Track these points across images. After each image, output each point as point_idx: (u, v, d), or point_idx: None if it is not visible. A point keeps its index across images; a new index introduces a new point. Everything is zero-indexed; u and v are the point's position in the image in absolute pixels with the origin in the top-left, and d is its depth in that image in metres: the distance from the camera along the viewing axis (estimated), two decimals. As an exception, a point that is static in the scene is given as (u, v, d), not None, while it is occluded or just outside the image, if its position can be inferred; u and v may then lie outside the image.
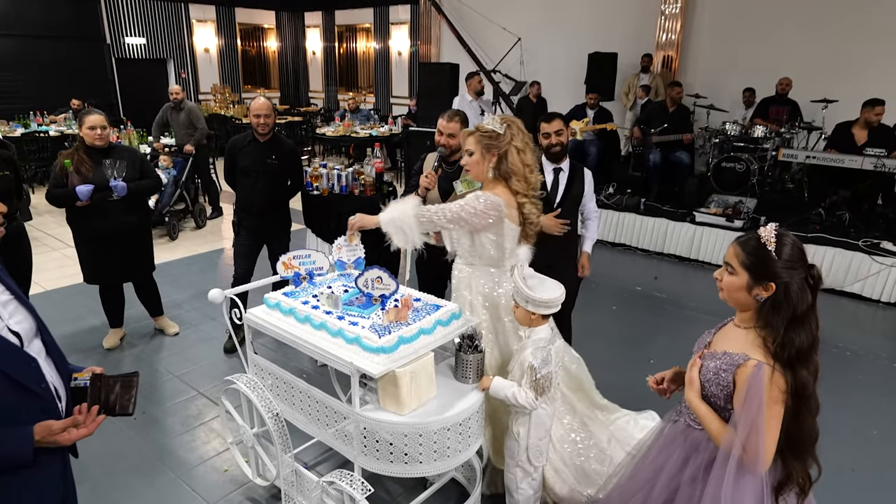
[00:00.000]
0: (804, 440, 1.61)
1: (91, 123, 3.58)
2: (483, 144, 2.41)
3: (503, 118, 2.45)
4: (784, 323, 1.55)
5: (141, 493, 2.75)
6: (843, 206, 5.98)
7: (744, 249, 1.61)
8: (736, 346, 1.65)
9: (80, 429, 1.38)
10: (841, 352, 4.28)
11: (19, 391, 1.32)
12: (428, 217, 2.39)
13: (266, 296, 2.47)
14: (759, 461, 1.56)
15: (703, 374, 1.71)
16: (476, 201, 2.38)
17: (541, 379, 2.18)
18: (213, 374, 3.74)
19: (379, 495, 2.68)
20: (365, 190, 3.97)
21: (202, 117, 7.33)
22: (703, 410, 1.70)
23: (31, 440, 1.31)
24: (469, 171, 2.50)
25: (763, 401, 1.53)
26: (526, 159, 2.43)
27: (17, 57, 10.32)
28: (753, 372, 1.55)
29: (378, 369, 1.98)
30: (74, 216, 3.71)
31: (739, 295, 1.63)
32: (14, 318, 1.38)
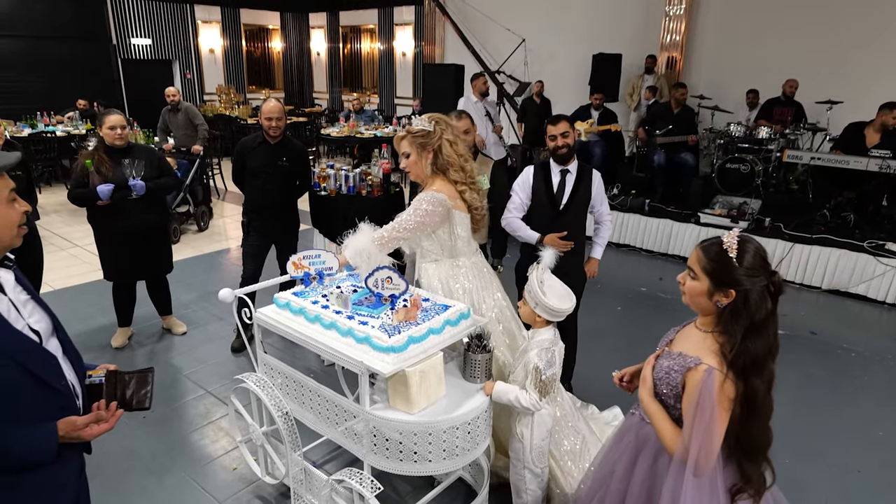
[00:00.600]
0: (756, 445, 1.61)
1: (111, 123, 3.63)
2: (417, 144, 2.52)
3: (430, 116, 2.56)
4: (742, 330, 1.53)
5: (151, 491, 2.78)
6: (849, 208, 5.98)
7: (706, 255, 1.60)
8: (692, 348, 1.65)
9: (101, 424, 1.41)
10: (846, 353, 4.28)
11: (42, 388, 1.35)
12: (387, 238, 2.47)
13: (276, 295, 2.49)
14: (710, 465, 1.57)
15: (656, 373, 1.72)
16: (422, 204, 2.47)
17: (546, 380, 2.19)
18: (221, 374, 3.77)
19: (387, 494, 2.69)
20: (372, 191, 3.99)
21: (200, 115, 7.34)
22: (654, 409, 1.72)
23: (56, 436, 1.34)
24: (409, 172, 2.60)
25: (715, 407, 1.53)
26: (459, 150, 2.56)
27: (24, 57, 10.39)
28: (704, 378, 1.55)
29: (388, 368, 2.00)
30: (95, 215, 3.77)
31: (700, 300, 1.63)
32: (33, 318, 1.41)
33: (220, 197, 8.62)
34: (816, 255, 5.50)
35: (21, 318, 1.37)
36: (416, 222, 2.47)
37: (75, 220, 7.15)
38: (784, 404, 3.54)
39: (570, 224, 3.16)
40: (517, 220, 3.22)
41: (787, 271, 5.66)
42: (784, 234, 5.72)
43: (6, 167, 1.36)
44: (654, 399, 1.73)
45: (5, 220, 1.37)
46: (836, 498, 2.85)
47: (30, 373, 1.32)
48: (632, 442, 1.86)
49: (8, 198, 1.38)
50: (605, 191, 3.30)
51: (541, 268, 2.27)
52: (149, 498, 2.74)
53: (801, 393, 3.75)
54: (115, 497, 2.73)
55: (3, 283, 1.38)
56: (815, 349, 4.33)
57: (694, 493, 1.59)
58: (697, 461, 1.56)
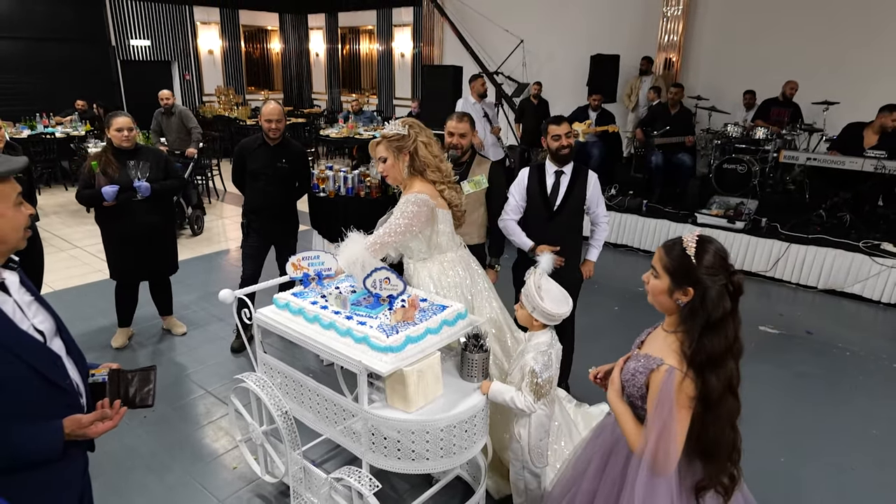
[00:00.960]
0: (715, 446, 1.61)
1: (118, 125, 3.67)
2: (393, 148, 2.57)
3: (403, 120, 2.61)
4: (699, 328, 1.56)
5: (152, 490, 2.81)
6: (844, 208, 6.02)
7: (667, 254, 1.64)
8: (658, 349, 1.68)
9: (105, 422, 1.43)
10: (841, 352, 4.31)
11: (47, 386, 1.38)
12: (379, 244, 2.50)
13: (275, 296, 2.52)
14: (669, 464, 1.59)
15: (624, 375, 1.75)
16: (408, 206, 2.52)
17: (542, 383, 2.22)
18: (221, 374, 3.80)
19: (385, 492, 2.72)
20: (371, 192, 4.02)
21: (194, 118, 7.27)
22: (620, 409, 1.75)
23: (62, 434, 1.37)
24: (387, 177, 2.65)
25: (673, 406, 1.56)
26: (433, 151, 2.62)
27: (23, 59, 10.42)
28: (664, 377, 1.59)
29: (386, 368, 2.03)
30: (102, 216, 3.82)
31: (662, 298, 1.67)
32: (37, 318, 1.44)
33: (219, 198, 8.64)
34: (812, 255, 5.53)
35: (26, 318, 1.40)
36: (405, 225, 2.51)
37: (75, 222, 7.18)
38: (779, 403, 3.61)
39: (565, 225, 3.18)
40: (513, 223, 3.25)
41: (784, 271, 5.69)
42: (780, 235, 5.75)
43: (13, 171, 1.39)
44: (622, 400, 1.77)
45: (14, 222, 1.40)
46: (831, 496, 2.88)
47: (35, 371, 1.35)
48: (606, 441, 1.90)
49: (16, 201, 1.41)
50: (601, 192, 3.29)
51: (538, 272, 2.29)
52: (150, 496, 2.77)
53: (796, 392, 3.78)
54: (117, 495, 2.75)
55: (9, 285, 1.40)
56: (811, 349, 4.36)
57: (647, 490, 1.62)
58: (656, 460, 1.59)
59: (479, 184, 3.27)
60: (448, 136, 3.30)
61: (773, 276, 5.73)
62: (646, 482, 1.63)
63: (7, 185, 1.40)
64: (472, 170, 3.36)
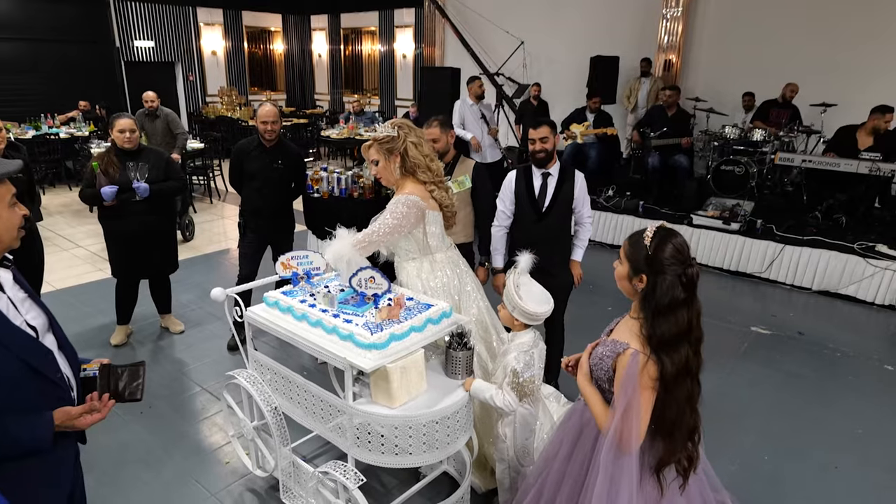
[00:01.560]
0: (673, 425, 1.71)
1: (121, 127, 3.75)
2: (384, 150, 2.63)
3: (393, 122, 2.67)
4: (650, 313, 1.69)
5: (146, 483, 2.87)
6: (840, 210, 6.04)
7: (629, 243, 1.77)
8: (624, 334, 1.79)
9: (94, 414, 1.50)
10: (832, 353, 4.34)
11: (39, 380, 1.44)
12: (367, 242, 2.55)
13: (265, 294, 2.58)
14: (632, 442, 1.69)
15: (592, 359, 1.86)
16: (398, 207, 2.57)
17: (523, 382, 2.26)
18: (217, 371, 3.86)
19: (374, 487, 2.78)
20: (364, 193, 4.07)
21: (181, 123, 7.13)
22: (588, 391, 1.87)
23: (52, 425, 1.43)
24: (381, 178, 2.71)
25: (636, 387, 1.67)
26: (424, 151, 2.67)
27: (28, 60, 10.52)
28: (629, 360, 1.70)
29: (370, 364, 2.08)
30: (103, 216, 3.92)
31: (624, 283, 1.80)
32: (30, 314, 1.50)
33: (221, 198, 8.72)
34: (807, 256, 5.55)
35: (19, 314, 1.47)
36: (394, 225, 2.56)
37: (78, 221, 7.27)
38: (767, 402, 3.65)
39: (554, 227, 3.23)
40: (500, 235, 3.33)
41: (778, 272, 5.72)
42: (776, 236, 5.78)
43: (7, 174, 1.45)
44: (591, 383, 1.87)
45: (8, 223, 1.46)
46: (814, 493, 2.92)
47: (28, 365, 1.41)
48: (575, 424, 1.99)
49: (10, 202, 1.47)
50: (587, 193, 3.32)
51: (518, 272, 2.34)
52: (144, 490, 2.83)
53: (784, 392, 3.81)
54: (111, 489, 2.82)
55: (3, 282, 1.47)
56: (803, 349, 4.39)
57: (613, 468, 1.72)
58: (621, 438, 1.69)
59: (462, 184, 3.33)
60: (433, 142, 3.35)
61: (767, 277, 5.76)
62: (612, 460, 1.73)
63: (2, 187, 1.45)
64: (456, 170, 3.42)
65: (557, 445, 2.05)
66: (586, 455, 1.88)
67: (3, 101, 9.95)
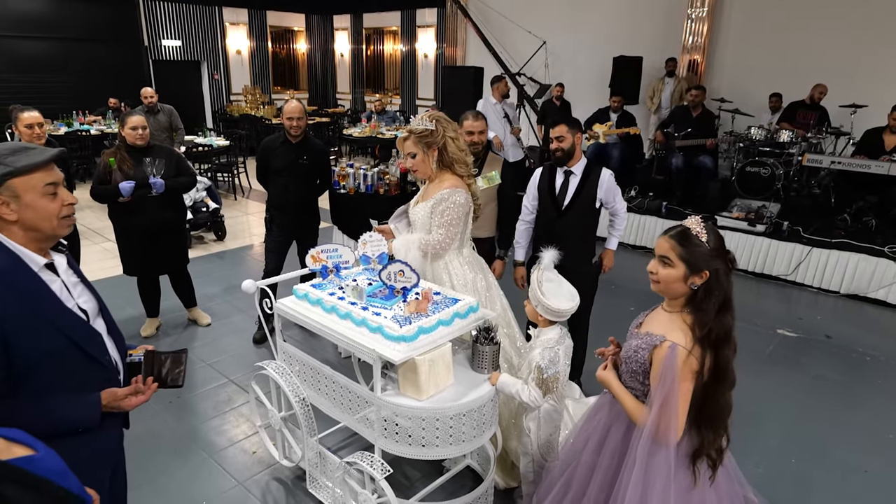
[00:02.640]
0: (720, 413, 1.72)
1: (133, 124, 3.81)
2: (423, 143, 2.62)
3: (430, 115, 2.65)
4: (716, 306, 1.68)
5: (176, 471, 2.94)
6: (870, 212, 5.93)
7: (679, 243, 1.72)
8: (660, 327, 1.77)
9: (138, 396, 1.55)
10: (860, 356, 4.27)
11: (88, 362, 1.50)
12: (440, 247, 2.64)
13: (295, 287, 2.62)
14: (671, 434, 1.69)
15: (625, 352, 1.86)
16: (457, 196, 2.60)
17: (548, 379, 2.27)
18: (243, 363, 3.93)
19: (398, 480, 2.81)
20: (389, 189, 4.11)
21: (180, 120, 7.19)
22: (617, 386, 1.88)
23: (99, 403, 1.48)
24: (416, 172, 2.71)
25: (676, 380, 1.66)
26: (460, 145, 2.69)
27: (60, 59, 10.79)
28: (667, 353, 1.69)
29: (399, 356, 2.11)
30: (116, 212, 3.95)
31: (676, 286, 1.74)
32: (82, 298, 1.56)
33: (244, 195, 8.85)
34: (835, 259, 5.46)
35: (71, 297, 1.52)
36: (457, 218, 2.61)
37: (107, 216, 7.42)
38: (794, 405, 3.61)
39: (574, 224, 3.23)
40: (524, 229, 3.40)
41: (805, 275, 5.63)
42: (803, 238, 5.69)
43: (35, 165, 1.44)
44: (616, 378, 1.91)
45: (45, 212, 1.46)
46: (842, 497, 2.88)
47: (79, 347, 1.47)
48: (604, 418, 1.99)
49: (45, 190, 1.46)
50: (617, 186, 3.28)
51: (541, 269, 2.34)
52: (173, 476, 2.90)
53: (811, 395, 3.76)
54: (142, 474, 2.88)
55: (57, 266, 1.52)
56: (830, 352, 4.32)
57: (648, 458, 1.72)
58: (658, 429, 1.70)
59: (492, 179, 3.35)
60: (468, 135, 3.36)
61: (793, 279, 5.67)
62: (648, 452, 1.73)
63: (33, 177, 1.44)
64: (486, 166, 3.44)
65: (584, 439, 2.06)
66: (616, 447, 1.89)
67: (37, 99, 10.17)
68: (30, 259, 1.46)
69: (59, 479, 1.01)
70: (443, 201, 2.62)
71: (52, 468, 1.02)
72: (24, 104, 3.88)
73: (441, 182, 2.67)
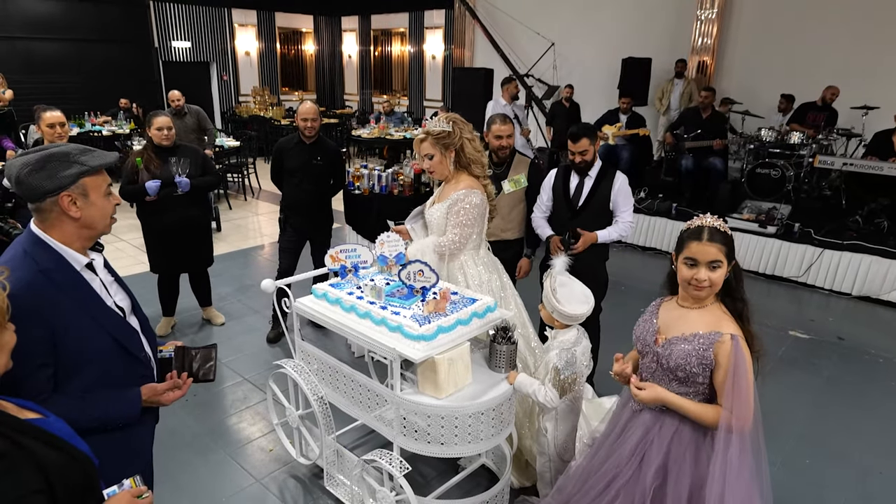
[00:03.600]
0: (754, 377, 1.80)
1: (158, 125, 3.88)
2: (441, 145, 2.64)
3: (446, 117, 2.67)
4: (742, 289, 1.83)
5: (195, 468, 2.97)
6: (882, 214, 5.91)
7: (722, 242, 1.78)
8: (703, 324, 1.80)
9: (175, 391, 1.58)
10: (873, 359, 4.26)
11: (126, 357, 1.54)
12: (454, 247, 2.67)
13: (314, 286, 2.65)
14: (750, 416, 1.72)
15: (676, 359, 1.81)
16: (472, 198, 2.63)
17: (564, 380, 2.29)
18: (258, 362, 3.96)
19: (413, 478, 2.82)
20: (404, 190, 4.14)
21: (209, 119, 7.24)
22: (675, 399, 1.83)
23: (140, 399, 1.52)
24: (433, 173, 2.72)
25: (749, 367, 1.71)
26: (477, 146, 2.71)
27: (72, 60, 10.88)
28: (733, 346, 1.72)
29: (419, 355, 2.13)
30: (143, 211, 4.03)
31: (722, 283, 1.80)
32: (118, 296, 1.60)
33: (255, 195, 8.89)
34: (847, 261, 5.45)
35: (109, 296, 1.56)
36: (472, 219, 2.64)
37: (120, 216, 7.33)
38: (806, 407, 3.61)
39: (587, 226, 3.23)
40: (539, 218, 3.41)
41: (816, 277, 5.62)
42: (814, 240, 5.68)
43: (107, 164, 1.54)
44: (667, 391, 1.85)
45: (104, 210, 1.55)
46: (856, 498, 2.88)
47: (118, 343, 1.51)
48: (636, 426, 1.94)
49: (106, 191, 1.55)
50: (629, 193, 3.27)
51: (553, 275, 2.37)
52: (192, 473, 2.93)
53: (823, 396, 3.76)
54: (161, 473, 2.85)
55: (95, 265, 1.56)
56: (842, 354, 4.32)
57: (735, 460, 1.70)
58: (743, 420, 1.70)
59: (518, 183, 3.38)
60: (496, 140, 3.38)
61: (805, 281, 5.67)
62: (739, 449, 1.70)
63: (99, 177, 1.53)
64: (513, 169, 3.46)
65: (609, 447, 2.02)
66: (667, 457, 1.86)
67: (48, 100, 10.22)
68: (72, 258, 1.49)
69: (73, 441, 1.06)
70: (458, 202, 2.64)
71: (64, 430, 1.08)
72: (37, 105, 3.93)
73: (457, 183, 2.70)
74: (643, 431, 1.92)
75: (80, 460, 1.04)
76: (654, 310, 1.98)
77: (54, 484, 0.95)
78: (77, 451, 1.05)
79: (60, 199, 1.44)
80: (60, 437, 1.04)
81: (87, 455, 1.08)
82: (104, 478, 1.14)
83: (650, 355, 1.92)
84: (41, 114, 3.70)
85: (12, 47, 10.18)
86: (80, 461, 1.04)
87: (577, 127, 3.25)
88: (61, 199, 1.44)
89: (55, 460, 0.97)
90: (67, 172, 1.44)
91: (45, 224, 1.47)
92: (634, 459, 1.92)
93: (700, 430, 1.84)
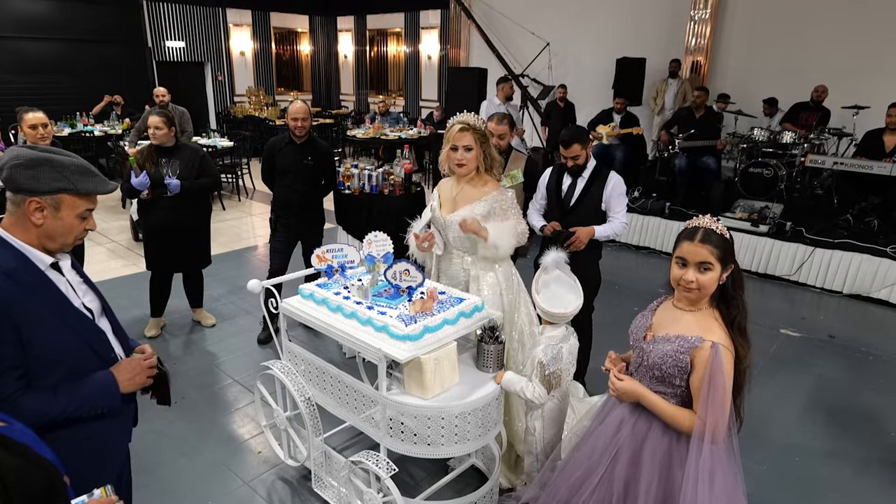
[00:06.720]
0: (740, 389, 1.80)
1: (150, 124, 3.86)
2: (480, 140, 2.63)
3: (475, 115, 2.67)
4: (741, 295, 1.77)
5: (182, 471, 2.95)
6: (873, 213, 5.93)
7: (713, 245, 1.72)
8: (690, 328, 1.76)
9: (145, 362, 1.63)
10: (863, 356, 4.27)
11: (96, 359, 1.52)
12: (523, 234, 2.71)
13: (301, 286, 2.64)
14: (724, 430, 1.71)
15: (655, 358, 1.81)
16: (512, 200, 2.67)
17: (549, 375, 2.28)
18: (248, 364, 3.94)
19: (404, 479, 2.82)
20: (394, 189, 4.13)
21: (190, 121, 7.24)
22: (650, 396, 1.83)
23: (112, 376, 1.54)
24: (464, 166, 2.64)
25: (726, 378, 1.68)
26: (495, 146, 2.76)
27: (65, 60, 10.82)
28: (712, 354, 1.68)
29: (404, 355, 2.13)
30: (142, 209, 4.07)
31: (713, 287, 1.75)
32: (87, 298, 1.58)
33: (248, 196, 8.88)
34: (838, 259, 5.47)
35: (77, 297, 1.54)
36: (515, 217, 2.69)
37: (111, 217, 7.46)
38: (797, 404, 3.61)
39: (578, 224, 3.23)
40: (534, 213, 3.42)
41: (808, 276, 5.63)
42: (805, 239, 5.69)
43: (96, 193, 1.54)
44: (646, 388, 1.85)
45: (69, 229, 1.52)
46: (846, 495, 2.88)
47: (89, 346, 1.49)
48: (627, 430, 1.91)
49: (82, 214, 1.54)
50: (623, 193, 3.25)
51: (540, 273, 2.37)
52: (179, 477, 2.91)
53: (814, 394, 3.77)
54: (148, 475, 2.90)
55: (62, 266, 1.54)
56: (833, 352, 4.33)
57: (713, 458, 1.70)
58: (715, 429, 1.69)
59: (515, 178, 3.38)
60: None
61: (796, 280, 5.68)
62: (709, 456, 1.69)
63: (81, 199, 1.52)
64: (509, 165, 3.46)
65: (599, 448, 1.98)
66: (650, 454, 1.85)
67: (40, 100, 10.16)
68: (36, 258, 1.48)
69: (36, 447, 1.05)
70: (501, 199, 2.64)
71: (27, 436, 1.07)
72: (29, 105, 3.91)
73: (484, 184, 2.68)
74: (619, 424, 1.93)
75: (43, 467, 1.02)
76: (653, 307, 1.97)
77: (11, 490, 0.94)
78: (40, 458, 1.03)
79: (28, 203, 1.43)
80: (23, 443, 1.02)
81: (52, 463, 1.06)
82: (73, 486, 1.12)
83: (637, 350, 1.93)
84: (23, 115, 3.68)
85: (3, 47, 10.13)
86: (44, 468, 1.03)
87: (569, 133, 3.20)
88: (29, 202, 1.43)
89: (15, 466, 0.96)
90: (51, 183, 1.44)
91: (12, 220, 1.47)
92: (609, 452, 1.93)
93: (672, 431, 1.83)
